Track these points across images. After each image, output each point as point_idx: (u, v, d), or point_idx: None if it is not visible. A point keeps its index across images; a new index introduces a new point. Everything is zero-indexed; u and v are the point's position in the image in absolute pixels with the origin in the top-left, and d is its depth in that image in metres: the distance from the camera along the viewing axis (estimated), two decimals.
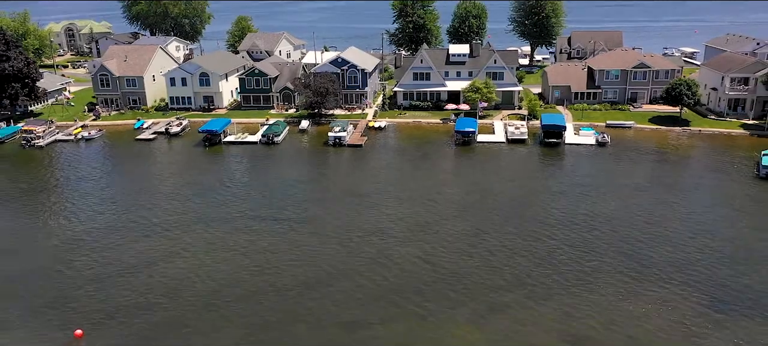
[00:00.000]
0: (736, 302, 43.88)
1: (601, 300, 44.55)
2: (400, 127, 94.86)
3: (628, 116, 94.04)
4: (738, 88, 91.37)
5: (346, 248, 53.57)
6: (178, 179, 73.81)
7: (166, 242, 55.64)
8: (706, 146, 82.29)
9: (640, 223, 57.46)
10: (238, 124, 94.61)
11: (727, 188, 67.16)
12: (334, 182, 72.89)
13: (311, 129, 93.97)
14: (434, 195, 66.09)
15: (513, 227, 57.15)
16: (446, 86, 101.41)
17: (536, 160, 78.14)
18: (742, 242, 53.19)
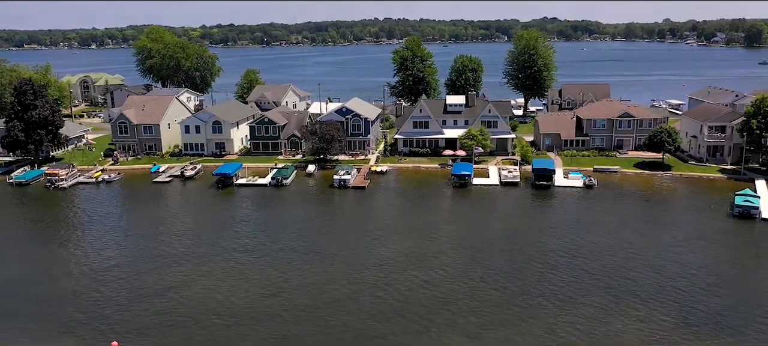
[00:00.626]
0: (705, 320, 49.01)
1: (583, 317, 49.71)
2: (400, 171, 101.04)
3: (615, 162, 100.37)
4: (715, 135, 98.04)
5: (351, 275, 58.86)
6: (195, 216, 79.65)
7: (188, 269, 61.03)
8: (687, 189, 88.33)
9: (620, 252, 62.98)
10: (249, 168, 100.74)
11: (703, 224, 72.90)
12: (340, 219, 78.62)
13: (317, 173, 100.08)
14: (433, 230, 71.77)
15: (505, 256, 62.61)
16: (444, 134, 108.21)
17: (528, 201, 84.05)
18: (712, 269, 58.63)
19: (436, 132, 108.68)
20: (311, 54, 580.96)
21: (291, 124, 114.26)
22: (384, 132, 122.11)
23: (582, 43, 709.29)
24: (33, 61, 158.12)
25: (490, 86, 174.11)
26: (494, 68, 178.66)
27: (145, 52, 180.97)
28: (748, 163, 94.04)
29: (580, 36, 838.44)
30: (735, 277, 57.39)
